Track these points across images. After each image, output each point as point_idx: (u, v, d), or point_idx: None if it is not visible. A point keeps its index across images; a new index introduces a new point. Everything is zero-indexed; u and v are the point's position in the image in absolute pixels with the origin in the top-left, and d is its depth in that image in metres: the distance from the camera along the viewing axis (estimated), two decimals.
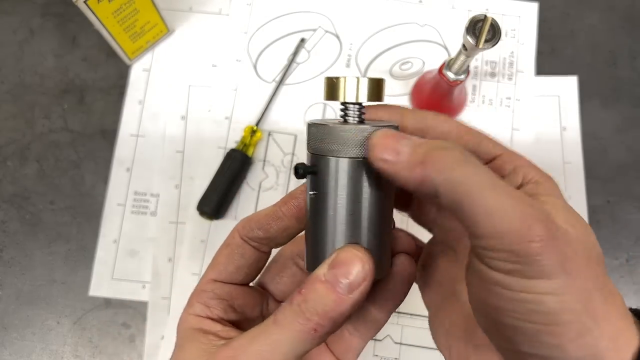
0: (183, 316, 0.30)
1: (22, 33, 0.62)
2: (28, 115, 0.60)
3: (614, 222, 0.57)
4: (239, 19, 0.63)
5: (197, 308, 0.29)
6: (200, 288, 0.30)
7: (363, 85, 0.26)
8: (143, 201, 0.57)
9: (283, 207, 0.29)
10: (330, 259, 0.25)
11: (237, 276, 0.30)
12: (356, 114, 0.27)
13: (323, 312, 0.24)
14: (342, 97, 0.26)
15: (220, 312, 0.29)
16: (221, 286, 0.30)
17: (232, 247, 0.30)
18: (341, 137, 0.25)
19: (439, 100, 0.57)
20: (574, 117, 0.60)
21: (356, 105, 0.27)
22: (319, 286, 0.25)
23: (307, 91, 0.60)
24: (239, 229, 0.30)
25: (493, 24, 0.44)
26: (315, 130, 0.26)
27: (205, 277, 0.30)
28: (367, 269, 0.25)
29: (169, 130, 0.59)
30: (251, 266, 0.30)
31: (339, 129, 0.25)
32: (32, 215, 0.57)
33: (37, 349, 0.53)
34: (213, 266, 0.30)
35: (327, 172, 0.26)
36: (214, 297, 0.29)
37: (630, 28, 0.63)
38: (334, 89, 0.26)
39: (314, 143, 0.26)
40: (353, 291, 0.25)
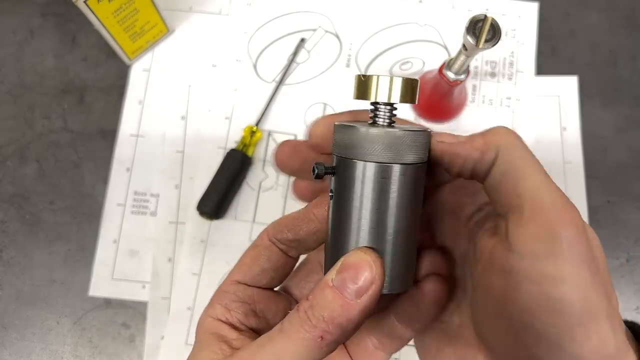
0: (202, 317, 0.29)
1: (22, 33, 0.62)
2: (28, 115, 0.60)
3: (614, 222, 0.57)
4: (239, 19, 0.63)
5: (217, 310, 0.28)
6: (222, 289, 0.29)
7: (396, 85, 0.25)
8: (143, 201, 0.57)
9: (315, 209, 0.28)
10: (339, 263, 0.24)
11: (261, 279, 0.29)
12: (387, 115, 0.26)
13: (330, 318, 0.23)
14: (374, 96, 0.25)
15: (241, 316, 0.28)
16: (244, 288, 0.29)
17: (259, 248, 0.29)
18: (369, 140, 0.24)
19: (439, 100, 0.57)
20: (574, 117, 0.60)
21: (387, 106, 0.25)
22: (327, 291, 0.24)
23: (307, 91, 0.60)
24: (268, 230, 0.29)
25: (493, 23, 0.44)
26: (343, 131, 0.25)
27: (229, 278, 0.29)
28: (375, 273, 0.24)
29: (169, 130, 0.59)
30: (277, 270, 0.29)
31: (368, 131, 0.24)
32: (32, 215, 0.57)
33: (37, 349, 0.53)
34: (238, 267, 0.29)
35: (352, 175, 0.24)
36: (235, 299, 0.28)
37: (630, 28, 0.63)
38: (365, 88, 0.25)
39: (340, 145, 0.25)
40: (361, 296, 0.24)
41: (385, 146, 0.24)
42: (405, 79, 0.25)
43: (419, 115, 0.59)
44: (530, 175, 0.23)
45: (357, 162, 0.24)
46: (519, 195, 0.23)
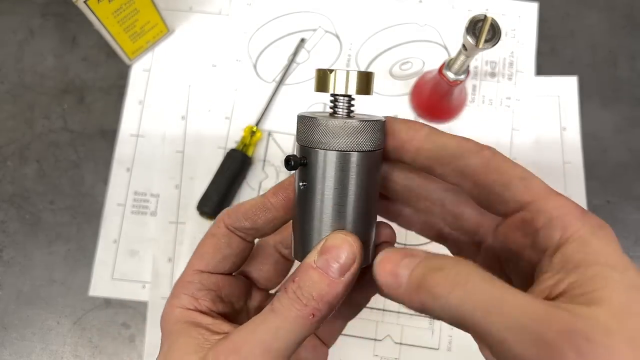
0: (167, 309, 0.29)
1: (22, 33, 0.62)
2: (28, 115, 0.60)
3: (614, 222, 0.57)
4: (239, 19, 0.63)
5: (184, 300, 0.29)
6: (185, 279, 0.30)
7: (352, 78, 0.26)
8: (143, 201, 0.57)
9: (272, 198, 0.29)
10: (320, 246, 0.26)
11: (223, 266, 0.30)
12: (345, 107, 0.27)
13: (319, 296, 0.25)
14: (332, 88, 0.26)
15: (209, 303, 0.29)
16: (208, 277, 0.30)
17: (218, 237, 0.30)
18: (329, 130, 0.26)
19: (439, 100, 0.57)
20: (574, 117, 0.60)
21: (345, 98, 0.27)
22: (311, 272, 0.25)
23: (307, 91, 0.60)
24: (224, 219, 0.30)
25: (493, 24, 0.44)
26: (304, 122, 0.27)
27: (190, 268, 0.30)
28: (356, 252, 0.26)
29: (169, 130, 0.59)
30: (237, 256, 0.30)
31: (327, 122, 0.26)
32: (32, 215, 0.57)
33: (37, 349, 0.53)
34: (199, 256, 0.30)
35: (315, 164, 0.26)
36: (201, 287, 0.29)
37: (630, 28, 0.63)
38: (324, 81, 0.27)
39: (303, 135, 0.27)
40: (344, 274, 0.25)
41: (343, 136, 0.26)
42: (360, 72, 0.26)
43: (419, 115, 0.59)
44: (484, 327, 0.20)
45: (318, 151, 0.26)
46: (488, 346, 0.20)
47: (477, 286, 0.21)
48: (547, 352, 0.18)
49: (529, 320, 0.19)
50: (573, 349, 0.18)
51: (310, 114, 0.27)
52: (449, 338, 0.53)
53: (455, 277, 0.21)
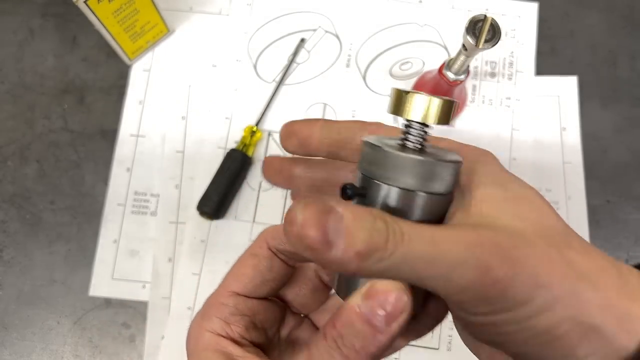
0: (197, 331, 0.27)
1: (22, 33, 0.62)
2: (28, 115, 0.60)
3: (614, 222, 0.57)
4: (239, 19, 0.63)
5: (215, 324, 0.27)
6: (219, 301, 0.27)
7: (434, 106, 0.24)
8: (143, 201, 0.57)
9: None
10: (365, 288, 0.23)
11: (262, 290, 0.28)
12: (418, 137, 0.25)
13: (361, 347, 0.23)
14: (408, 114, 0.24)
15: (242, 329, 0.27)
16: (244, 300, 0.27)
17: (259, 258, 0.28)
18: (397, 165, 0.23)
19: None
20: (573, 117, 0.60)
21: (420, 126, 0.25)
22: (354, 319, 0.23)
23: (307, 91, 0.60)
24: (267, 239, 0.28)
25: (493, 24, 0.44)
26: (371, 151, 0.24)
27: (225, 288, 0.28)
28: (406, 300, 0.23)
29: (169, 130, 0.59)
30: (277, 280, 0.28)
31: (397, 156, 0.23)
32: (32, 215, 0.57)
33: (37, 349, 0.53)
34: (236, 277, 0.28)
35: (375, 197, 0.24)
36: (235, 312, 0.27)
37: (630, 28, 0.63)
38: (399, 103, 0.24)
39: (366, 164, 0.24)
40: (391, 324, 0.23)
41: (413, 174, 0.23)
42: (443, 99, 0.24)
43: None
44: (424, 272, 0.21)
45: (382, 185, 0.24)
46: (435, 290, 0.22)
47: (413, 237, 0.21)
48: (484, 272, 0.21)
49: (463, 250, 0.21)
50: (503, 259, 0.21)
51: (378, 141, 0.25)
52: (449, 338, 0.53)
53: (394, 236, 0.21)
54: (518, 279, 0.21)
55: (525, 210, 0.23)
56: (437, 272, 0.21)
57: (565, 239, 0.23)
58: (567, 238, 0.23)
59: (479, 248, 0.21)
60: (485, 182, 0.24)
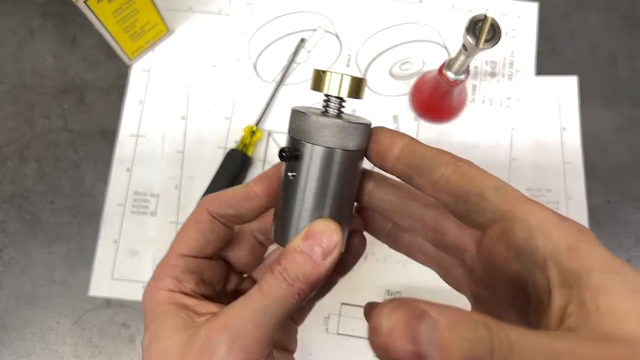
0: (151, 291, 0.30)
1: (22, 33, 0.62)
2: (28, 115, 0.60)
3: (614, 222, 0.57)
4: (239, 19, 0.63)
5: (168, 282, 0.30)
6: (169, 262, 0.31)
7: (345, 82, 0.28)
8: (143, 201, 0.57)
9: (256, 187, 0.31)
10: (304, 232, 0.28)
11: (206, 250, 0.32)
12: (335, 107, 0.30)
13: (304, 277, 0.27)
14: (326, 89, 0.29)
15: (192, 285, 0.31)
16: (192, 260, 0.31)
17: (201, 222, 0.31)
18: (318, 127, 0.28)
19: (439, 100, 0.57)
20: (574, 117, 0.60)
21: (336, 99, 0.29)
22: (297, 256, 0.27)
23: (307, 91, 0.60)
24: (207, 206, 0.31)
25: (493, 23, 0.44)
26: (297, 116, 0.29)
27: (173, 252, 0.31)
28: (338, 238, 0.28)
29: (169, 130, 0.59)
30: (220, 241, 0.32)
31: (318, 119, 0.28)
32: (32, 215, 0.57)
33: (37, 348, 0.53)
34: (182, 241, 0.31)
35: (303, 156, 0.29)
36: (185, 271, 0.31)
37: (630, 28, 0.63)
38: (319, 81, 0.29)
39: (294, 128, 0.29)
40: (327, 257, 0.28)
41: (331, 133, 0.28)
42: (353, 77, 0.28)
43: (419, 115, 0.59)
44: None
45: (307, 144, 0.28)
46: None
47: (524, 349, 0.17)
48: None
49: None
50: None
51: (303, 109, 0.29)
52: None
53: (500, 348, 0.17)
54: None
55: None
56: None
57: None
58: None
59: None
60: (599, 268, 0.20)
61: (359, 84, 0.29)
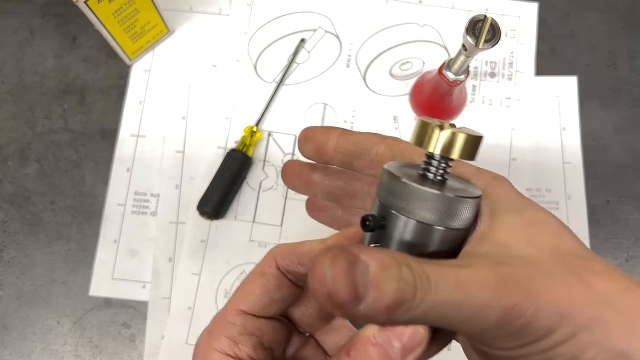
0: (205, 349, 0.27)
1: (22, 33, 0.62)
2: (28, 115, 0.60)
3: (613, 222, 0.57)
4: (239, 19, 0.63)
5: (224, 343, 0.26)
6: (227, 319, 0.27)
7: (459, 142, 0.23)
8: (143, 201, 0.57)
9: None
10: None
11: (270, 310, 0.28)
12: (440, 171, 0.24)
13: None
14: (432, 147, 0.23)
15: (250, 349, 0.27)
16: (252, 320, 0.27)
17: (268, 277, 0.27)
18: (415, 199, 0.23)
19: (439, 100, 0.57)
20: (573, 117, 0.60)
21: (444, 160, 0.24)
22: (370, 349, 0.22)
23: (307, 91, 0.60)
24: (277, 259, 0.28)
25: (493, 24, 0.44)
26: (390, 180, 0.24)
27: (232, 306, 0.27)
28: (423, 333, 0.22)
29: (169, 130, 0.59)
30: (286, 301, 0.28)
31: (417, 189, 0.23)
32: (32, 215, 0.57)
33: (37, 348, 0.53)
34: (245, 296, 0.28)
35: (393, 228, 0.24)
36: (244, 332, 0.27)
37: (630, 28, 0.63)
38: (423, 136, 0.23)
39: (385, 194, 0.24)
40: (406, 356, 0.22)
41: (432, 208, 0.23)
42: (469, 135, 0.23)
43: (418, 115, 0.59)
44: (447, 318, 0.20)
45: (400, 216, 0.23)
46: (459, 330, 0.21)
47: (439, 283, 0.20)
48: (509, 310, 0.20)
49: (486, 291, 0.20)
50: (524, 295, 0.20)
51: (398, 170, 0.24)
52: None
53: (421, 285, 0.20)
54: (540, 312, 0.20)
55: (541, 235, 0.23)
56: (463, 315, 0.20)
57: (584, 263, 0.22)
58: (587, 262, 0.22)
59: (501, 289, 0.20)
60: (500, 209, 0.24)
61: (475, 143, 0.23)
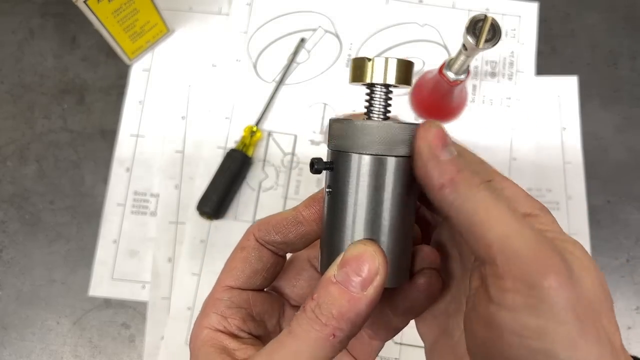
0: (196, 329, 0.27)
1: (22, 33, 0.62)
2: (28, 115, 0.60)
3: (614, 222, 0.57)
4: (239, 18, 0.63)
5: (213, 319, 0.27)
6: (215, 296, 0.28)
7: (392, 66, 0.24)
8: (143, 201, 0.57)
9: (304, 211, 0.27)
10: (339, 258, 0.24)
11: (254, 281, 0.28)
12: (382, 99, 0.25)
13: (339, 314, 0.23)
14: (369, 77, 0.24)
15: (239, 322, 0.27)
16: (239, 293, 0.28)
17: (248, 250, 0.28)
18: (365, 133, 0.24)
19: (439, 100, 0.57)
20: (574, 117, 0.60)
21: (384, 88, 0.25)
22: (331, 288, 0.23)
23: (307, 91, 0.60)
24: (254, 232, 0.28)
25: (493, 23, 0.44)
26: (338, 125, 0.25)
27: (219, 284, 0.28)
28: (379, 263, 0.23)
29: (168, 130, 0.59)
30: (269, 270, 0.28)
31: (364, 124, 0.24)
32: (32, 215, 0.57)
33: (36, 349, 0.53)
34: (228, 271, 0.28)
35: (347, 168, 0.24)
36: (231, 305, 0.27)
37: (630, 28, 0.63)
38: (361, 70, 0.24)
39: (335, 139, 0.25)
40: (366, 288, 0.23)
41: (381, 139, 0.24)
42: (400, 59, 0.24)
43: (419, 116, 0.59)
44: (497, 222, 0.21)
45: (352, 154, 0.24)
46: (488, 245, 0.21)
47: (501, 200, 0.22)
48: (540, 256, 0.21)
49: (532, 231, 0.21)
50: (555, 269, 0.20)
51: (343, 117, 0.26)
52: None
53: (490, 185, 0.22)
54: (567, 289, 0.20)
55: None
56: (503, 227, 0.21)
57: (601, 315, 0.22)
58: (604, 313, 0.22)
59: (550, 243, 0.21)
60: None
61: (407, 67, 0.25)
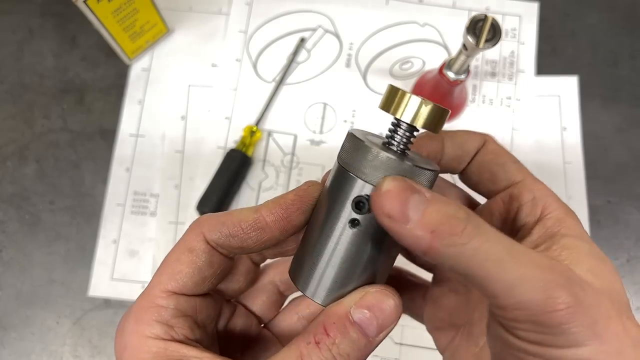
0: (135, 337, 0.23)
1: (22, 33, 0.62)
2: (27, 115, 0.60)
3: (614, 222, 0.57)
4: (238, 18, 0.63)
5: (157, 329, 0.23)
6: (156, 302, 0.24)
7: (425, 110, 0.23)
8: (143, 201, 0.57)
9: (269, 216, 0.25)
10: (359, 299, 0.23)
11: (202, 288, 0.25)
12: (403, 140, 0.24)
13: (355, 357, 0.23)
14: (400, 113, 0.23)
15: (187, 331, 0.24)
16: (185, 300, 0.25)
17: (197, 253, 0.25)
18: (378, 164, 0.23)
19: (439, 100, 0.57)
20: (574, 117, 0.60)
21: (408, 128, 0.24)
22: (350, 329, 0.23)
23: (307, 91, 0.60)
24: (204, 232, 0.25)
25: (493, 23, 0.44)
26: (353, 144, 0.23)
27: (159, 288, 0.24)
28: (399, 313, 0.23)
29: (168, 130, 0.59)
30: (218, 277, 0.26)
31: (379, 155, 0.23)
32: (31, 215, 0.57)
33: (36, 349, 0.53)
34: (172, 275, 0.24)
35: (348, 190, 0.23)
36: (177, 314, 0.24)
37: (630, 28, 0.63)
38: (392, 101, 0.23)
39: (346, 157, 0.24)
40: (380, 334, 0.23)
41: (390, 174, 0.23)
42: (435, 105, 0.23)
43: None
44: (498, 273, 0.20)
45: (356, 179, 0.23)
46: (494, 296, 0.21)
47: (491, 238, 0.21)
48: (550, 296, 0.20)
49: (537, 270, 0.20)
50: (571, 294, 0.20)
51: (362, 136, 0.24)
52: None
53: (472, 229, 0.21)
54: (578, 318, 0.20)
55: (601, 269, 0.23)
56: (503, 278, 0.20)
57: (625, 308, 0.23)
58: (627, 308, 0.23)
59: (551, 273, 0.20)
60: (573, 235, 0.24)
61: (440, 115, 0.23)
